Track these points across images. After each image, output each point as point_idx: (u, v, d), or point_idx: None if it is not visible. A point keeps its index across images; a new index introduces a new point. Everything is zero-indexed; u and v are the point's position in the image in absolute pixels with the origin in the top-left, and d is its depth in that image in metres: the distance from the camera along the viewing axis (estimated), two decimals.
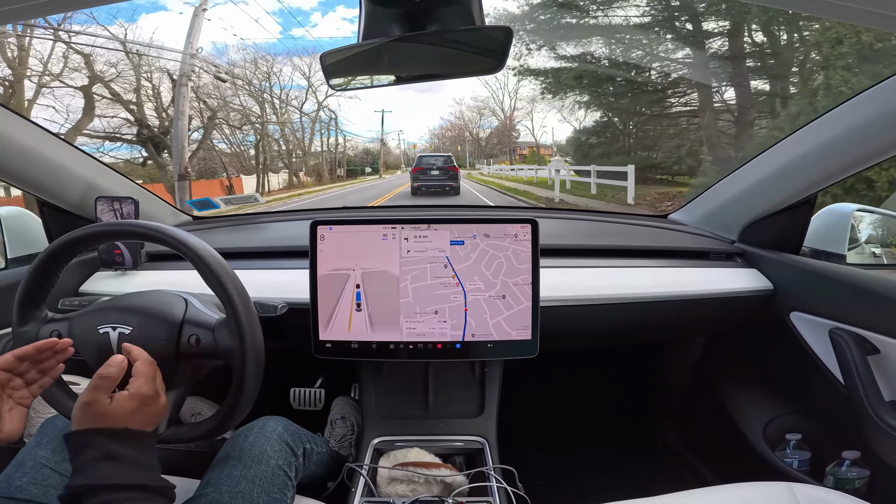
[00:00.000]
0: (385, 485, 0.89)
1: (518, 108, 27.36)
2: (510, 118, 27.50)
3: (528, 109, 26.75)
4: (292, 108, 19.20)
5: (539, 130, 27.43)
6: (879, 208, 1.16)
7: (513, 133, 27.36)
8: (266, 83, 17.03)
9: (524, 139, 27.23)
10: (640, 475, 1.36)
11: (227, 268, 0.72)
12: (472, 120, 30.83)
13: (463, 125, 31.43)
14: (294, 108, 19.43)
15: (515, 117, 27.34)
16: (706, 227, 1.30)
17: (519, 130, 27.74)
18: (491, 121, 29.49)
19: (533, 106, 25.29)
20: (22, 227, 1.12)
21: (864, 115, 0.83)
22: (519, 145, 27.44)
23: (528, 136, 26.68)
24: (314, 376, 1.26)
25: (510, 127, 27.66)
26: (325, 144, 22.04)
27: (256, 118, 16.65)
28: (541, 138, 25.97)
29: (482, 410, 1.06)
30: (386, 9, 0.59)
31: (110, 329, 0.70)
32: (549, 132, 30.63)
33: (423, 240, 0.92)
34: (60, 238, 0.73)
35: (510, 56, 0.65)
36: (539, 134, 26.68)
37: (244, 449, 0.79)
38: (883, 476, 0.93)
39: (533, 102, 25.13)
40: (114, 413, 0.55)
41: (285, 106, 18.55)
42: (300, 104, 19.44)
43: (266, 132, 17.58)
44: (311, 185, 19.76)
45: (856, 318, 0.93)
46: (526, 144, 26.86)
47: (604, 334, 1.16)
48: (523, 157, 25.99)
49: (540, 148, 24.86)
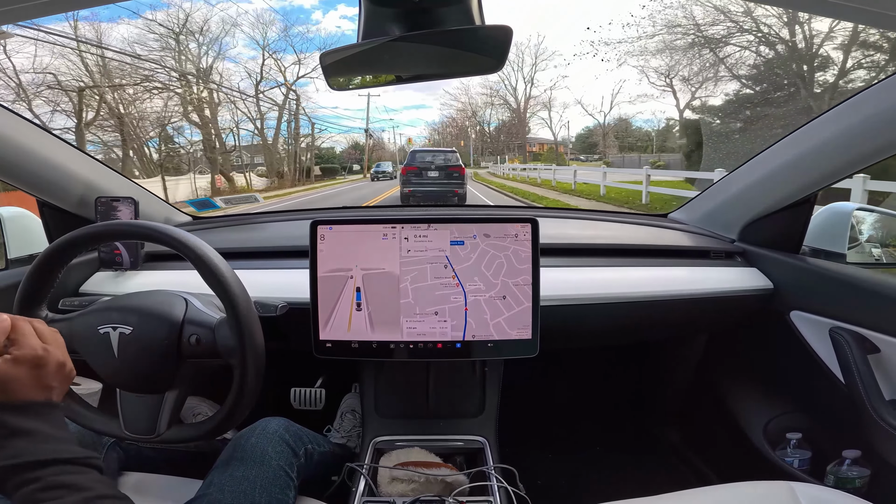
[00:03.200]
0: (386, 484, 0.89)
1: (533, 95, 23.80)
2: (525, 105, 23.59)
3: (545, 99, 23.06)
4: (228, 91, 13.92)
5: (557, 124, 24.64)
6: (879, 207, 1.16)
7: (525, 127, 24.12)
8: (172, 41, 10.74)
9: (534, 135, 24.00)
10: (641, 474, 1.37)
11: (227, 268, 0.73)
12: (478, 108, 26.71)
13: (469, 113, 27.18)
14: (232, 92, 13.91)
15: (530, 107, 23.66)
16: (706, 225, 1.30)
17: (529, 126, 24.55)
18: (500, 112, 25.72)
19: (551, 94, 22.58)
20: (22, 228, 1.12)
21: (865, 114, 0.83)
22: (528, 141, 24.49)
23: (543, 130, 23.22)
24: (314, 376, 1.26)
25: (523, 118, 24.14)
26: (290, 137, 17.59)
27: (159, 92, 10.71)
28: (559, 133, 23.18)
29: (483, 410, 1.06)
30: (385, 8, 0.59)
31: (111, 329, 0.71)
32: (565, 126, 27.05)
33: (424, 239, 0.92)
34: (60, 238, 0.74)
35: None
36: (557, 128, 23.54)
37: (246, 450, 0.79)
38: (884, 475, 0.93)
39: (554, 91, 21.98)
40: (5, 385, 0.50)
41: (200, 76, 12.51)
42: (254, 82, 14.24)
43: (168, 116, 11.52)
44: (236, 190, 14.89)
45: (856, 317, 0.93)
46: (537, 140, 24.02)
47: (604, 333, 1.16)
48: (534, 154, 23.40)
49: (559, 145, 22.11)
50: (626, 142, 18.77)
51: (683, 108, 18.36)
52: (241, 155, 17.27)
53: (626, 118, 19.27)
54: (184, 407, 0.78)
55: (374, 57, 0.65)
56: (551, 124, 24.11)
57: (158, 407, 0.74)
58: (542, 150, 23.31)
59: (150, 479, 0.87)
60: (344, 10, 40.72)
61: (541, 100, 24.12)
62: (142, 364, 0.71)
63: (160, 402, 0.74)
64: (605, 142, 18.74)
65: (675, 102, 17.14)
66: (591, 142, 20.71)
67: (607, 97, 19.69)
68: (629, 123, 19.22)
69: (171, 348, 0.72)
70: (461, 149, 23.82)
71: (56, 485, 0.49)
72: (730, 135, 11.96)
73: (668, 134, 18.59)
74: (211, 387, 1.17)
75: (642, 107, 24.21)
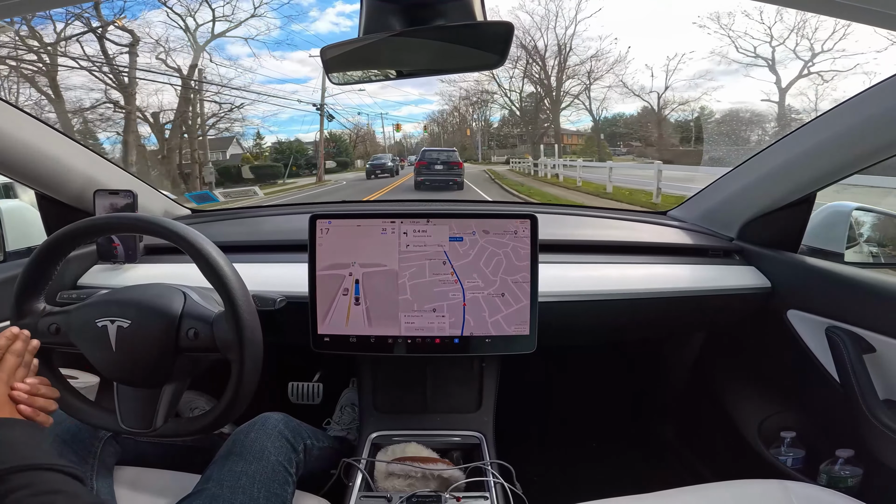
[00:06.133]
0: (382, 479, 0.90)
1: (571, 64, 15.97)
2: (560, 77, 16.33)
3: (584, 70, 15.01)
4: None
5: (598, 108, 16.62)
6: (879, 207, 1.16)
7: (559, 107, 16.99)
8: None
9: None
10: (636, 471, 1.37)
11: (225, 261, 0.73)
12: (485, 91, 20.25)
13: (473, 100, 21.09)
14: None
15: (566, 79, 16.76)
16: (705, 224, 1.30)
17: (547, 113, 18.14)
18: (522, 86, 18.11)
19: (592, 65, 14.67)
20: (21, 220, 1.12)
21: (865, 114, 0.83)
22: (548, 131, 18.14)
23: (574, 113, 16.80)
24: (312, 371, 1.26)
25: (555, 97, 16.51)
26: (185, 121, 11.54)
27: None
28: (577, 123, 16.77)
29: (480, 405, 1.07)
30: (387, 3, 0.59)
31: (108, 322, 0.70)
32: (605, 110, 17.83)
33: (423, 234, 0.92)
34: (59, 231, 0.73)
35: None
36: (598, 112, 16.40)
37: (245, 445, 0.79)
38: (876, 475, 0.94)
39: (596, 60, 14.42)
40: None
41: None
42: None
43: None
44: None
45: (853, 317, 0.93)
46: (562, 131, 17.44)
47: (601, 330, 1.16)
48: (549, 146, 17.49)
49: (599, 134, 16.01)
50: (688, 132, 14.19)
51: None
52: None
53: (684, 101, 14.08)
54: (181, 401, 0.78)
55: (375, 51, 0.65)
56: (590, 105, 16.42)
57: (156, 401, 0.74)
58: (577, 142, 16.80)
59: (147, 473, 0.87)
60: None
61: (579, 71, 16.67)
62: (139, 357, 0.71)
63: (157, 396, 0.74)
64: (660, 130, 14.12)
65: (773, 79, 12.68)
66: (616, 132, 15.57)
67: (658, 72, 14.46)
68: (706, 110, 14.06)
69: (168, 342, 0.72)
70: (467, 139, 21.17)
71: (47, 490, 0.50)
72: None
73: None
74: (209, 381, 1.18)
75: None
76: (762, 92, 14.70)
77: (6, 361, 0.61)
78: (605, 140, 16.07)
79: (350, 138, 19.33)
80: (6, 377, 0.60)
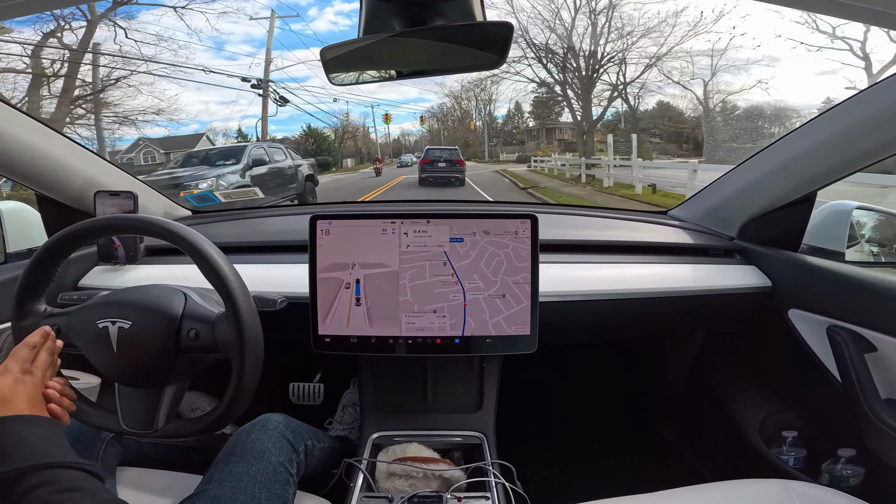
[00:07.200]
0: (383, 479, 0.90)
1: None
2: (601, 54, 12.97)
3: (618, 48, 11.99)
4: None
5: (634, 95, 13.93)
6: (879, 206, 1.16)
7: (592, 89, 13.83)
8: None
9: (566, 117, 15.63)
10: (637, 471, 1.37)
11: (226, 262, 0.73)
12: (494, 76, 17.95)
13: (478, 91, 19.58)
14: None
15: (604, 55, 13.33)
16: (706, 223, 1.30)
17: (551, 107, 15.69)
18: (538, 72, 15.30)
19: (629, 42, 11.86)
20: (21, 222, 1.12)
21: (865, 113, 0.83)
22: (559, 126, 16.22)
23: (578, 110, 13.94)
24: (313, 371, 1.26)
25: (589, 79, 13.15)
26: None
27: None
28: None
29: (481, 405, 1.06)
30: (387, 3, 0.59)
31: (109, 323, 0.71)
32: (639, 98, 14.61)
33: (423, 234, 0.92)
34: (59, 232, 0.74)
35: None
36: (635, 101, 13.76)
37: (246, 446, 0.79)
38: (878, 474, 0.94)
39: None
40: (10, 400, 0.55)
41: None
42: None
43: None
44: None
45: (854, 316, 0.93)
46: (568, 126, 15.47)
47: (602, 329, 1.16)
48: (563, 142, 16.05)
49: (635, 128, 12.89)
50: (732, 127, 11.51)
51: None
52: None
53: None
54: (182, 402, 0.78)
55: (374, 52, 0.65)
56: (625, 92, 13.72)
57: (157, 401, 0.74)
58: (606, 138, 13.67)
59: (148, 474, 0.87)
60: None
61: (615, 48, 13.53)
62: (140, 358, 0.71)
63: (159, 397, 0.74)
64: (708, 121, 11.89)
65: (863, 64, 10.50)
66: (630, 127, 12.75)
67: (701, 57, 11.59)
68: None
69: (169, 343, 0.72)
70: (471, 134, 20.77)
71: (69, 487, 0.50)
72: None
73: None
74: (210, 381, 1.18)
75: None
76: (846, 80, 12.83)
77: (41, 359, 0.61)
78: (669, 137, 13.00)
79: (336, 134, 16.82)
80: (42, 375, 0.60)
